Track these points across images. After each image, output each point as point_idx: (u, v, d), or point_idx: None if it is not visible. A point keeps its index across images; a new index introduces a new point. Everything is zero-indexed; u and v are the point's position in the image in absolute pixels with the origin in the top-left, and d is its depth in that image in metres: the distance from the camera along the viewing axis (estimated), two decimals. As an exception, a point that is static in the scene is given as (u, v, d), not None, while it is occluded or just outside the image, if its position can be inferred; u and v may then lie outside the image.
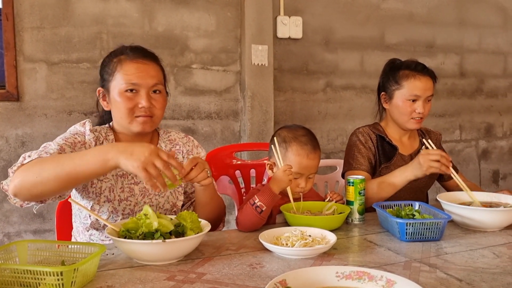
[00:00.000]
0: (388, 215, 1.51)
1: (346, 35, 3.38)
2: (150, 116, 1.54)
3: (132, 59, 1.54)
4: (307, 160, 1.68)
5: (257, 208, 1.52)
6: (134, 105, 1.52)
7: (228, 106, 3.09)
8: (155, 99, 1.56)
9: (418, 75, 1.96)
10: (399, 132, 2.07)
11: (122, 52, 1.57)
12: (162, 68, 1.64)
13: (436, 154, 1.72)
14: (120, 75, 1.53)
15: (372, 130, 2.05)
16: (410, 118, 1.98)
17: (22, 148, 2.64)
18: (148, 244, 1.20)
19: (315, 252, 1.29)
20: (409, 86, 1.96)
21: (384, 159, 2.01)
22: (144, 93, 1.52)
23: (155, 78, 1.55)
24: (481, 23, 3.84)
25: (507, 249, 1.37)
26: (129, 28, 2.80)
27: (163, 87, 1.61)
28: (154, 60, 1.60)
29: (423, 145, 2.03)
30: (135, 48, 1.59)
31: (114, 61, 1.56)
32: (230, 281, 1.13)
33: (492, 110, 4.00)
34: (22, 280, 1.03)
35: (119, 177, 1.58)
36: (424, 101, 1.96)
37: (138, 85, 1.52)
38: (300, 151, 1.68)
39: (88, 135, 1.54)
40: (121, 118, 1.55)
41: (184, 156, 1.71)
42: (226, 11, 3.02)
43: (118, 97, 1.52)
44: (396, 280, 0.96)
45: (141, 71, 1.53)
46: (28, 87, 2.63)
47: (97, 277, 1.14)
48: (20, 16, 2.58)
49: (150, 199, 1.61)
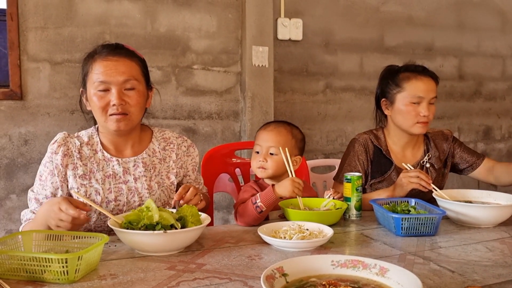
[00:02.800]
0: (384, 210, 1.54)
1: (345, 37, 3.42)
2: (125, 114, 1.54)
3: (103, 57, 1.53)
4: (263, 132, 1.76)
5: (257, 208, 1.55)
6: (106, 104, 1.52)
7: (229, 106, 3.12)
8: (129, 96, 1.54)
9: (419, 76, 1.91)
10: (402, 141, 2.00)
11: (96, 51, 1.57)
12: (139, 62, 1.60)
13: (415, 172, 1.75)
14: (92, 75, 1.53)
15: (372, 139, 1.99)
16: (416, 123, 1.90)
17: (25, 146, 2.67)
18: (150, 235, 1.23)
19: (312, 245, 1.32)
20: (411, 88, 1.90)
21: (378, 173, 1.96)
22: (115, 90, 1.52)
23: (125, 74, 1.53)
24: (479, 27, 3.88)
25: (500, 244, 1.40)
26: (132, 29, 2.84)
27: (138, 82, 1.57)
28: (126, 55, 1.56)
29: (425, 154, 2.02)
30: (107, 45, 1.58)
31: (89, 61, 1.57)
32: (229, 271, 1.16)
33: (490, 112, 4.03)
34: (28, 268, 1.07)
35: (107, 178, 1.59)
36: (428, 103, 1.90)
37: (108, 82, 1.52)
38: (260, 130, 1.78)
39: (55, 159, 1.55)
40: (97, 117, 1.57)
41: (178, 156, 1.72)
42: (227, 12, 3.06)
43: (92, 96, 1.53)
44: (389, 267, 1.00)
45: (110, 68, 1.52)
46: (32, 86, 2.67)
47: (100, 266, 1.18)
48: (24, 16, 2.62)
49: (140, 198, 1.61)
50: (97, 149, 1.62)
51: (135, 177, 1.62)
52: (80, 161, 1.57)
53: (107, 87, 1.52)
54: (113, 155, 1.62)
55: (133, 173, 1.62)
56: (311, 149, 3.34)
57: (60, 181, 1.55)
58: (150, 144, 1.69)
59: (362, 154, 1.96)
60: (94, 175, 1.57)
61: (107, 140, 1.64)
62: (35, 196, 1.56)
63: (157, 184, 1.65)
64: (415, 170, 1.78)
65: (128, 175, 1.61)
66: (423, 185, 1.73)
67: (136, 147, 1.67)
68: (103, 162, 1.60)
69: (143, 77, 1.61)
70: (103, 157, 1.61)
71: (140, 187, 1.61)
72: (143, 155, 1.66)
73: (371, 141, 1.99)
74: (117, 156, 1.63)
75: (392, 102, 1.96)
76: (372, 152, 1.98)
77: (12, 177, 2.67)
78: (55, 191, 1.55)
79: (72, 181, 1.55)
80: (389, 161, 1.97)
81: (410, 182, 1.74)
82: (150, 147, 1.69)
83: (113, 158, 1.61)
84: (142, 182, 1.62)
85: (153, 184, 1.63)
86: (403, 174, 1.78)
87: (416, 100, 1.90)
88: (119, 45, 1.60)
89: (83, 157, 1.59)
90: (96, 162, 1.59)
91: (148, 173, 1.64)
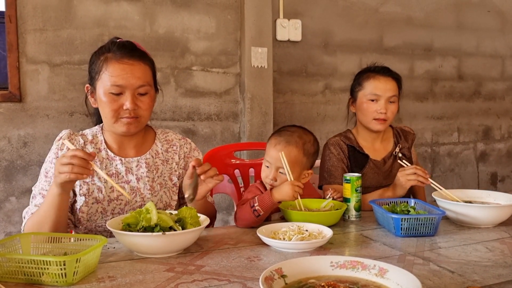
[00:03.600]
0: (383, 211, 1.54)
1: (345, 38, 3.42)
2: (136, 117, 1.53)
3: (118, 59, 1.51)
4: (273, 150, 1.69)
5: (255, 211, 1.55)
6: (119, 107, 1.51)
7: (228, 107, 3.12)
8: (141, 100, 1.54)
9: (377, 76, 2.00)
10: (370, 136, 2.06)
11: (109, 49, 1.53)
12: (151, 66, 1.60)
13: (411, 169, 1.76)
14: (105, 75, 1.50)
15: (343, 140, 2.04)
16: (372, 119, 1.99)
17: (24, 149, 2.67)
18: (149, 237, 1.23)
19: (312, 246, 1.32)
20: (369, 86, 2.00)
21: (357, 168, 2.00)
22: (129, 94, 1.51)
23: (141, 79, 1.52)
24: (479, 27, 3.88)
25: (500, 244, 1.40)
26: (131, 31, 2.83)
27: (150, 87, 1.57)
28: (141, 59, 1.55)
29: (396, 146, 2.08)
30: (122, 45, 1.54)
31: (101, 59, 1.53)
32: (228, 272, 1.16)
33: (490, 113, 4.03)
34: (26, 270, 1.06)
35: (109, 177, 1.57)
36: (386, 101, 1.97)
37: (123, 86, 1.50)
38: (272, 141, 1.72)
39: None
40: (106, 118, 1.55)
41: (180, 158, 1.71)
42: (226, 14, 3.06)
43: (103, 97, 1.51)
44: (388, 268, 0.99)
45: (127, 72, 1.50)
46: (31, 88, 2.67)
47: (98, 268, 1.17)
48: (23, 18, 2.61)
49: (142, 198, 1.60)
50: (101, 147, 1.62)
51: (138, 177, 1.61)
52: None
53: (122, 91, 1.51)
54: (117, 154, 1.62)
55: (135, 173, 1.62)
56: (310, 150, 3.33)
57: None
58: (153, 146, 1.69)
59: (340, 153, 2.02)
60: (97, 173, 1.57)
61: (111, 139, 1.63)
62: (41, 192, 1.53)
63: (159, 185, 1.64)
64: (411, 166, 1.79)
65: (131, 175, 1.61)
66: (421, 181, 1.74)
67: (140, 147, 1.66)
68: (106, 161, 1.60)
69: (154, 80, 1.62)
70: (106, 155, 1.61)
71: (142, 187, 1.61)
72: (147, 155, 1.65)
73: (342, 141, 2.05)
74: (121, 156, 1.62)
75: (355, 99, 2.07)
76: (347, 151, 2.03)
77: (12, 180, 2.67)
78: None
79: None
80: (364, 155, 2.03)
81: (408, 180, 1.76)
82: (153, 148, 1.68)
83: (117, 157, 1.61)
84: (144, 182, 1.61)
85: (156, 185, 1.63)
86: (400, 173, 1.79)
87: (373, 97, 1.99)
88: (133, 45, 1.57)
89: None
90: (99, 160, 1.59)
91: (151, 174, 1.64)
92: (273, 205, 1.57)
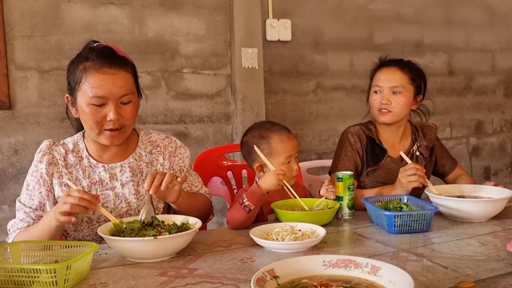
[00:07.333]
0: (376, 208, 1.54)
1: (335, 36, 3.42)
2: (120, 128, 1.50)
3: (97, 69, 1.45)
4: (290, 141, 1.75)
5: (245, 207, 1.54)
6: (102, 118, 1.47)
7: (220, 109, 3.11)
8: (125, 110, 1.50)
9: (382, 68, 2.00)
10: (389, 130, 2.02)
11: (87, 57, 1.47)
12: (132, 72, 1.55)
13: (411, 169, 1.73)
14: (86, 86, 1.45)
15: (364, 130, 2.02)
16: (377, 111, 1.97)
17: (15, 156, 2.65)
18: (140, 241, 1.22)
19: (305, 246, 1.32)
20: (374, 79, 2.01)
21: (372, 161, 1.98)
22: (112, 105, 1.46)
23: (123, 89, 1.47)
24: (468, 22, 3.89)
25: (493, 238, 1.40)
26: (120, 35, 2.82)
27: (133, 95, 1.53)
28: (122, 66, 1.49)
29: (414, 143, 2.04)
30: (101, 53, 1.48)
31: (79, 69, 1.47)
32: (221, 275, 1.15)
33: (481, 107, 4.04)
34: (16, 279, 1.05)
35: (93, 185, 1.57)
36: (389, 92, 1.94)
37: (105, 97, 1.45)
38: (281, 137, 1.74)
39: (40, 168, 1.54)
40: (89, 129, 1.52)
41: (165, 158, 1.68)
42: (215, 15, 3.05)
43: (85, 107, 1.47)
44: (381, 266, 0.99)
45: (108, 82, 1.45)
46: (20, 95, 2.65)
47: (90, 275, 1.16)
48: (10, 24, 2.59)
49: (128, 204, 1.58)
50: (83, 155, 1.59)
51: (122, 183, 1.59)
52: (66, 169, 1.55)
53: (104, 102, 1.46)
54: (99, 161, 1.60)
55: (119, 178, 1.59)
56: (304, 149, 3.33)
57: (46, 190, 1.53)
58: (137, 148, 1.66)
59: (356, 143, 1.98)
60: (80, 183, 1.55)
61: (93, 146, 1.60)
62: (23, 208, 1.54)
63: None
64: (410, 164, 1.75)
65: (115, 181, 1.59)
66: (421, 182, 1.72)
67: (123, 151, 1.63)
68: (89, 169, 1.58)
69: (136, 87, 1.58)
70: (88, 163, 1.59)
71: (127, 193, 1.59)
72: (130, 159, 1.63)
73: (362, 131, 2.02)
74: (103, 162, 1.60)
75: (368, 94, 2.06)
76: (365, 142, 2.00)
77: (3, 188, 2.65)
78: (43, 200, 1.53)
79: (58, 189, 1.53)
80: (382, 149, 1.99)
81: (409, 182, 1.72)
82: (137, 151, 1.66)
83: (99, 164, 1.59)
84: (129, 187, 1.59)
85: (141, 188, 1.61)
86: (401, 174, 1.76)
87: (376, 89, 1.99)
88: (112, 52, 1.51)
89: (68, 164, 1.57)
90: (81, 169, 1.57)
91: (135, 177, 1.62)
92: (262, 196, 1.56)
